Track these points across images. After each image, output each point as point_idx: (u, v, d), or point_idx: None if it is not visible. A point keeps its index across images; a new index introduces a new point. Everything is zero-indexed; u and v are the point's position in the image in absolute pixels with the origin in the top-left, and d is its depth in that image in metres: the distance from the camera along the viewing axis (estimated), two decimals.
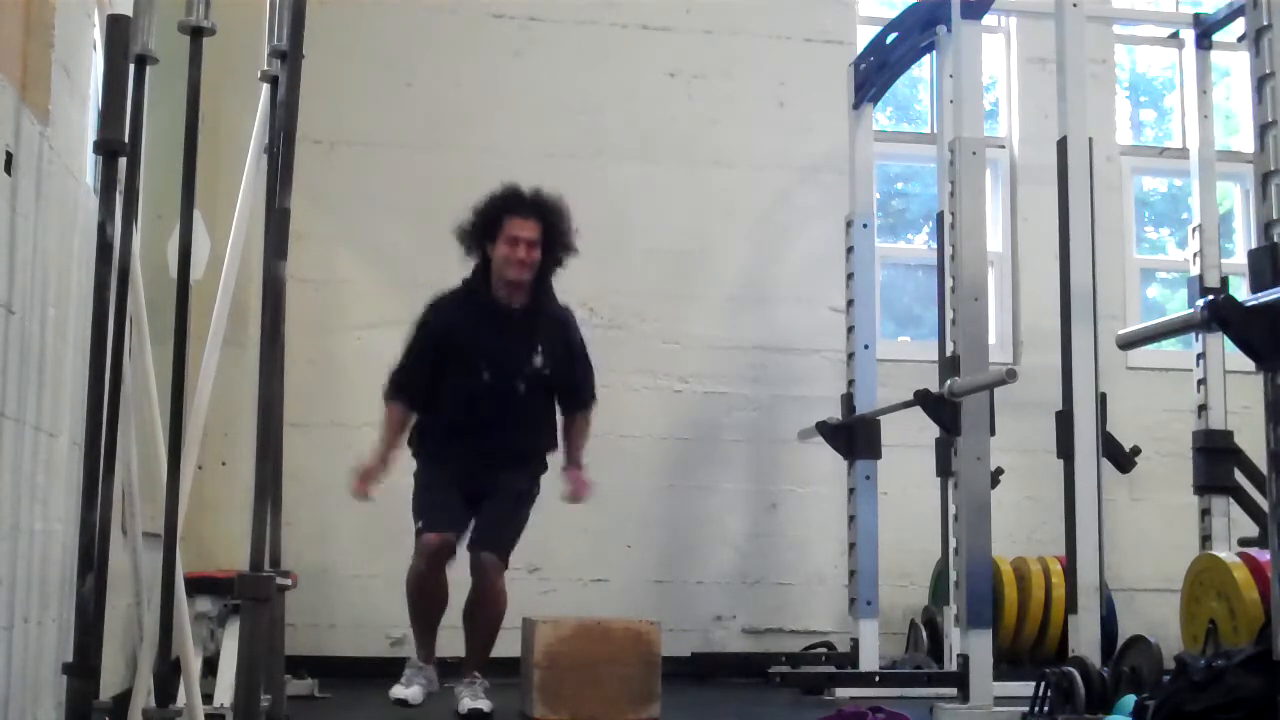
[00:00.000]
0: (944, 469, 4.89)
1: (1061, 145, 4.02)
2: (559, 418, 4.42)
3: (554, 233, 4.20)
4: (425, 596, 4.23)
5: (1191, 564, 4.51)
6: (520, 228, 4.14)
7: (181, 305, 2.64)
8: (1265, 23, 3.08)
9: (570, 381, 4.37)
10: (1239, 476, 4.96)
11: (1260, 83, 3.08)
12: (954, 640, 4.32)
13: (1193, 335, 5.05)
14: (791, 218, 5.89)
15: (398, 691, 4.17)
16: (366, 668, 5.19)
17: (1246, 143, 6.10)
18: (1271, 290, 2.90)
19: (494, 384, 4.23)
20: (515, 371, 4.24)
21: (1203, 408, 5.13)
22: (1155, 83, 6.96)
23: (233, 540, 4.68)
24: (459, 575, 4.28)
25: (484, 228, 4.20)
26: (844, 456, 5.16)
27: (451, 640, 4.83)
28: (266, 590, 2.35)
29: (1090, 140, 4.03)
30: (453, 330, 4.28)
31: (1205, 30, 5.32)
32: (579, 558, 5.53)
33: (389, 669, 5.20)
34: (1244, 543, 4.70)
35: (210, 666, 3.88)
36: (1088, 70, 4.24)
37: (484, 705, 4.03)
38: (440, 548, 4.16)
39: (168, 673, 2.76)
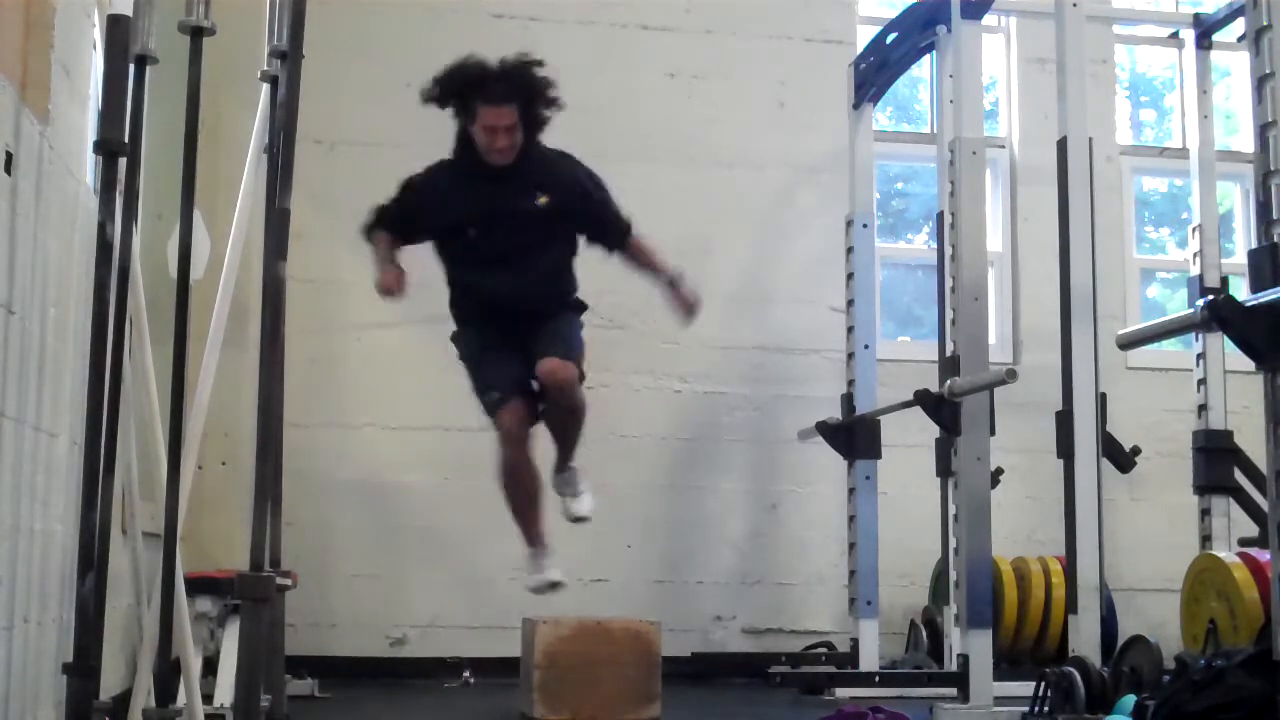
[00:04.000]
0: (944, 469, 4.88)
1: (1061, 145, 4.02)
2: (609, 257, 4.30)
3: (533, 107, 3.98)
4: (521, 481, 4.10)
5: (1191, 564, 4.51)
6: (496, 116, 3.91)
7: (181, 305, 2.64)
8: (1265, 23, 3.08)
9: (599, 213, 4.19)
10: (1239, 476, 4.96)
11: (1260, 83, 3.08)
12: (954, 640, 4.32)
13: (1193, 335, 5.05)
14: (791, 218, 5.89)
15: (537, 580, 4.05)
16: (366, 668, 5.19)
17: (1246, 143, 6.10)
18: (1271, 290, 2.90)
19: (499, 234, 4.04)
20: (520, 219, 4.04)
21: (1203, 408, 5.13)
22: (1155, 83, 6.96)
23: (233, 540, 4.68)
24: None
25: (459, 107, 4.00)
26: (844, 456, 5.16)
27: (451, 641, 4.83)
28: (266, 590, 2.35)
29: (1090, 140, 4.03)
30: (445, 191, 4.11)
31: (1205, 30, 5.32)
32: (579, 558, 5.51)
33: (389, 669, 5.24)
34: (1244, 543, 4.70)
35: (210, 666, 3.87)
36: (1088, 70, 4.25)
37: (585, 508, 4.23)
38: (519, 424, 4.02)
39: (168, 673, 2.76)
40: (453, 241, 4.16)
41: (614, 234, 4.26)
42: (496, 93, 3.90)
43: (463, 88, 3.95)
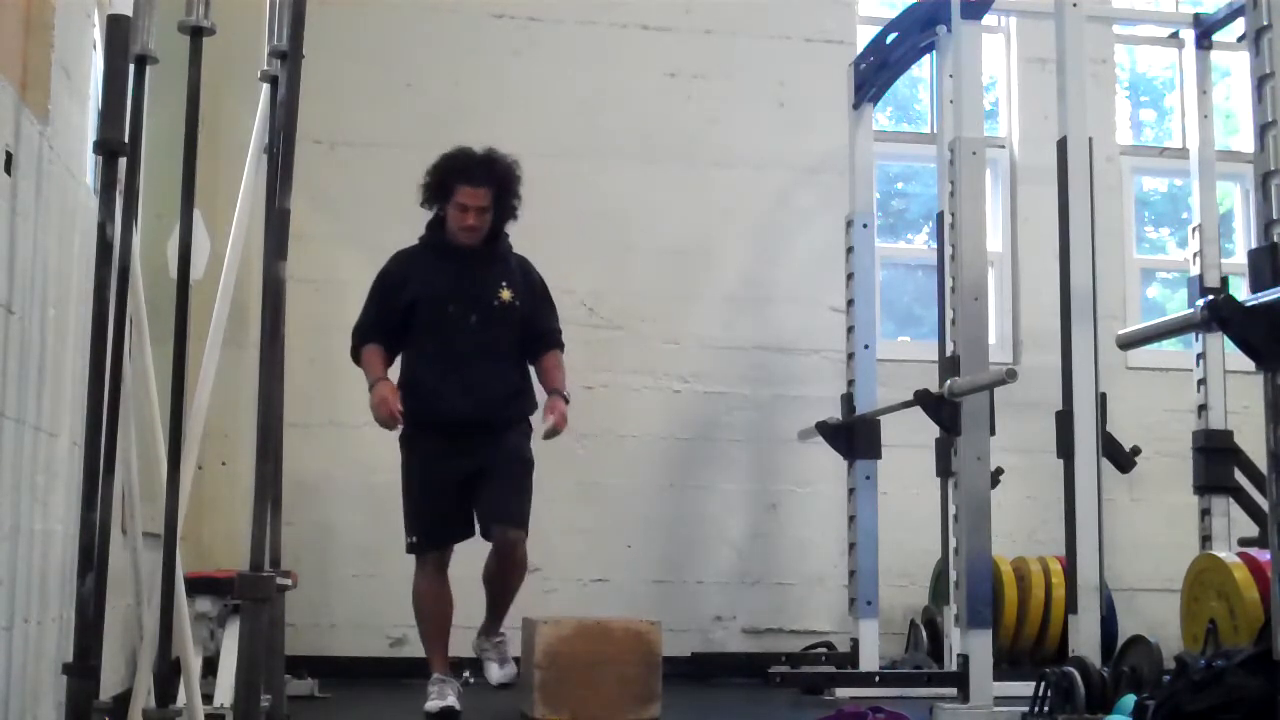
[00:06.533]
0: (944, 469, 4.88)
1: (1061, 145, 4.02)
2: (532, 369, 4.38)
3: (505, 195, 4.22)
4: (436, 611, 4.21)
5: (1191, 564, 4.51)
6: (471, 196, 4.16)
7: (181, 305, 2.64)
8: (1265, 23, 3.08)
9: (538, 321, 4.33)
10: (1239, 476, 4.96)
11: (1260, 83, 3.08)
12: (954, 640, 4.32)
13: (1193, 335, 5.05)
14: (791, 218, 5.89)
15: (436, 705, 3.99)
16: (366, 668, 5.20)
17: (1246, 143, 6.10)
18: (1271, 290, 2.90)
19: (464, 318, 4.18)
20: (484, 303, 4.20)
21: (1203, 408, 5.13)
22: (1155, 83, 6.96)
23: (233, 540, 4.68)
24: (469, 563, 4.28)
25: (437, 190, 4.24)
26: (844, 456, 5.15)
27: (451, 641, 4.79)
28: (266, 590, 2.35)
29: (1090, 140, 4.03)
30: (414, 273, 4.26)
31: (1205, 30, 5.32)
32: (579, 558, 5.53)
33: (389, 669, 5.24)
34: (1244, 543, 4.70)
35: (210, 666, 3.88)
36: (1088, 70, 4.25)
37: (510, 674, 4.22)
38: (442, 565, 4.21)
39: (168, 673, 2.76)
40: (430, 318, 4.21)
41: (547, 343, 4.36)
42: (477, 175, 4.17)
43: (447, 173, 4.21)
